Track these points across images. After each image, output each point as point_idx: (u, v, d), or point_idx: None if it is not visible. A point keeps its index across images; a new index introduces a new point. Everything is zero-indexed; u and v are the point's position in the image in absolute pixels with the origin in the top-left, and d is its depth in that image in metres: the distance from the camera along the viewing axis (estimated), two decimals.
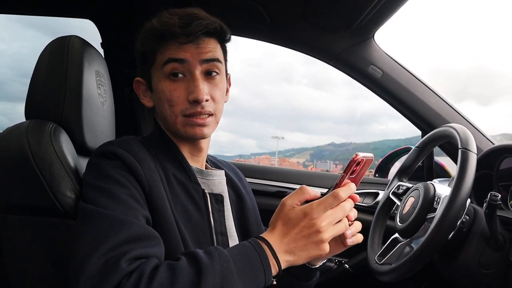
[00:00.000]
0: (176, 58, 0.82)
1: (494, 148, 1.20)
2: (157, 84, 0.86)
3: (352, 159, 0.70)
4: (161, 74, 0.85)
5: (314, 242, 0.68)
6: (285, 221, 0.70)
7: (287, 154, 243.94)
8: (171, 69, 0.83)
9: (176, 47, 0.83)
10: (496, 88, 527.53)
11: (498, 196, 0.89)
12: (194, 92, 0.82)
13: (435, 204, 1.01)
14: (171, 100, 0.84)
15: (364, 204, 1.63)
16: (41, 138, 0.82)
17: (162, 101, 0.86)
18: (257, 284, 0.67)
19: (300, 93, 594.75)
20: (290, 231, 0.69)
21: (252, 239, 0.71)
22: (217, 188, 0.92)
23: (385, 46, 1.50)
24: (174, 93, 0.84)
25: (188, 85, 0.84)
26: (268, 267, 0.67)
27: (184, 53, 0.83)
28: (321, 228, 0.68)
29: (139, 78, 0.92)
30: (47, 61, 0.91)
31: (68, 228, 0.79)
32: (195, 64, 0.83)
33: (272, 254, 0.68)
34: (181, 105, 0.84)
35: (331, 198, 0.69)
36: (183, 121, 0.85)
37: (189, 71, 0.84)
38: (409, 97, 1.48)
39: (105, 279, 0.60)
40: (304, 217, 0.68)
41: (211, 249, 0.67)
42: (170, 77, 0.84)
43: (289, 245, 0.69)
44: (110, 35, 1.60)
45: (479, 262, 0.98)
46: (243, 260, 0.67)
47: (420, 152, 1.22)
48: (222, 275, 0.63)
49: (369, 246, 1.19)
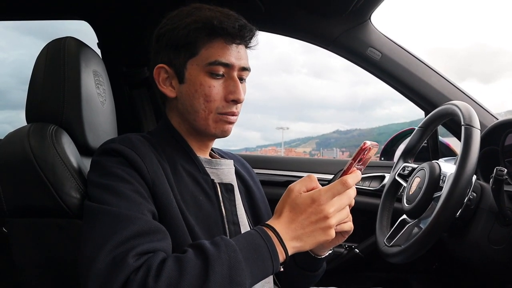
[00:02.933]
0: (223, 62, 0.84)
1: (498, 123, 1.19)
2: (195, 77, 0.85)
3: (361, 147, 0.70)
4: (202, 69, 0.84)
5: (321, 228, 0.68)
6: (292, 207, 0.70)
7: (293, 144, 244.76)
8: (216, 69, 0.84)
9: (223, 46, 0.84)
10: (498, 65, 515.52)
11: (504, 171, 0.88)
12: (235, 92, 0.85)
13: (441, 182, 1.01)
14: (210, 96, 0.84)
15: (370, 188, 1.62)
16: (43, 140, 0.82)
17: (197, 94, 0.85)
18: (265, 272, 0.67)
19: (300, 82, 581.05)
20: (297, 217, 0.69)
21: (258, 227, 0.71)
22: (227, 178, 0.92)
23: (382, 28, 1.49)
24: (214, 89, 0.84)
25: (227, 85, 0.85)
26: (275, 255, 0.67)
27: (230, 56, 0.84)
28: (329, 214, 0.68)
29: (164, 65, 0.88)
30: (44, 64, 0.91)
31: (75, 228, 0.79)
32: (236, 69, 0.86)
33: (279, 241, 0.68)
34: (217, 102, 0.85)
35: (340, 185, 0.69)
36: (216, 117, 0.86)
37: (229, 73, 0.85)
38: (409, 78, 1.46)
39: (113, 275, 0.60)
40: (312, 203, 0.68)
41: (217, 239, 0.67)
42: (212, 75, 0.84)
43: (296, 231, 0.69)
44: (106, 35, 1.59)
45: (488, 238, 0.98)
46: (250, 248, 0.67)
47: (423, 132, 1.21)
48: (230, 264, 0.63)
49: (377, 229, 1.19)
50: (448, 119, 1.15)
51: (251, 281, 0.66)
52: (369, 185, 1.63)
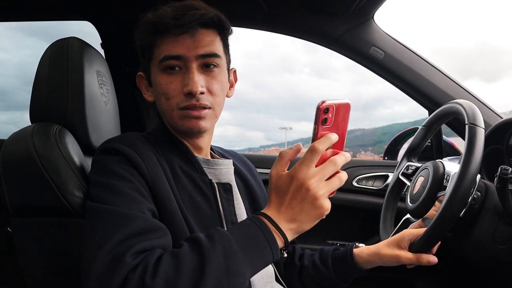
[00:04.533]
0: (172, 55, 0.82)
1: (502, 122, 1.19)
2: (155, 78, 0.86)
3: (318, 107, 0.65)
4: (158, 68, 0.85)
5: (309, 203, 0.65)
6: (276, 191, 0.68)
7: None
8: (168, 64, 0.83)
9: (171, 40, 0.82)
10: (501, 64, 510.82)
11: (509, 170, 0.88)
12: (188, 84, 0.82)
13: (445, 182, 1.01)
14: (167, 93, 0.84)
15: (374, 187, 1.62)
16: (47, 140, 0.83)
17: (159, 94, 0.86)
18: (265, 259, 0.66)
19: (303, 82, 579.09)
20: (284, 199, 0.66)
21: (251, 216, 0.70)
22: (225, 178, 0.92)
23: (385, 27, 1.49)
24: (170, 86, 0.84)
25: (184, 78, 0.83)
26: (273, 240, 0.66)
27: (180, 48, 0.82)
28: (310, 186, 0.64)
29: (141, 73, 0.93)
30: (48, 64, 0.92)
31: (79, 227, 0.79)
32: (192, 59, 0.83)
33: (274, 226, 0.66)
34: (177, 98, 0.84)
35: (309, 153, 0.65)
36: (180, 114, 0.85)
37: (186, 65, 0.83)
38: (413, 77, 1.46)
39: (112, 275, 0.60)
40: (291, 181, 0.65)
41: (211, 231, 0.66)
42: (166, 70, 0.84)
43: (288, 213, 0.66)
44: (109, 35, 1.60)
45: (493, 237, 0.97)
46: (245, 237, 0.65)
47: (427, 131, 1.21)
48: (225, 255, 0.63)
49: (381, 228, 1.19)
50: (452, 118, 1.15)
51: (252, 270, 0.65)
52: (372, 185, 1.63)
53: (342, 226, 1.66)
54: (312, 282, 1.02)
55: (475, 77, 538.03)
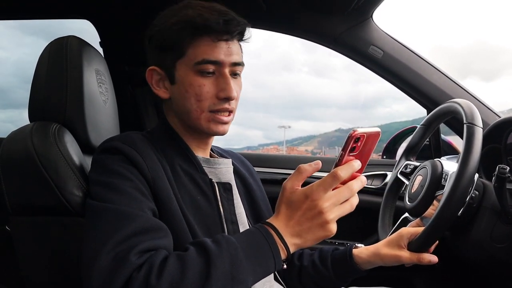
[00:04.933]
0: (211, 60, 0.82)
1: (500, 121, 1.19)
2: (185, 77, 0.84)
3: (350, 136, 0.65)
4: (190, 69, 0.83)
5: (318, 224, 0.66)
6: (288, 205, 0.68)
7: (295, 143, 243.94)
8: (205, 68, 0.83)
9: (210, 44, 0.82)
10: (499, 63, 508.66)
11: (507, 169, 0.88)
12: (226, 89, 0.83)
13: (443, 181, 1.01)
14: (200, 95, 0.83)
15: (372, 186, 1.62)
16: (46, 139, 0.82)
17: (188, 94, 0.84)
18: (267, 269, 0.67)
19: (302, 81, 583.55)
20: (294, 214, 0.68)
21: (258, 225, 0.70)
22: (225, 177, 0.92)
23: (384, 26, 1.49)
24: (204, 88, 0.83)
25: (218, 82, 0.84)
26: (277, 252, 0.67)
27: (218, 54, 0.82)
28: (323, 209, 0.65)
29: (155, 67, 0.88)
30: (47, 62, 0.92)
31: (78, 226, 0.79)
32: (226, 65, 0.84)
33: (279, 238, 0.67)
34: (209, 101, 0.84)
35: (330, 178, 0.66)
36: (209, 116, 0.85)
37: (219, 70, 0.84)
38: (411, 76, 1.46)
39: (116, 273, 0.60)
40: (305, 199, 0.66)
41: (218, 237, 0.67)
42: (202, 73, 0.83)
43: (295, 228, 0.68)
44: (109, 33, 1.60)
45: (491, 236, 0.98)
46: (251, 246, 0.66)
47: (425, 130, 1.21)
48: (231, 262, 0.63)
49: (379, 227, 1.19)
50: (450, 117, 1.15)
51: (253, 278, 0.66)
52: (371, 184, 1.63)
53: (340, 225, 1.64)
54: (311, 282, 1.02)
55: (473, 76, 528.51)
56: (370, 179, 1.64)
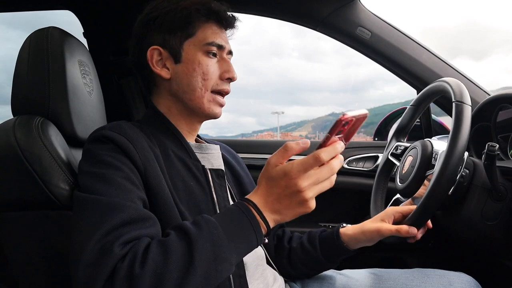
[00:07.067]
0: (219, 43, 0.90)
1: (489, 99, 1.19)
2: (193, 56, 0.89)
3: (339, 120, 0.63)
4: (199, 48, 0.89)
5: (297, 202, 0.66)
6: (268, 180, 0.68)
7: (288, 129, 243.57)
8: (212, 49, 0.89)
9: (218, 30, 0.91)
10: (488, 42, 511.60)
11: (496, 146, 0.88)
12: (230, 71, 0.91)
13: (433, 160, 1.01)
14: (207, 74, 0.89)
15: (364, 169, 1.63)
16: (29, 133, 0.81)
17: (195, 72, 0.88)
18: (250, 245, 0.67)
19: (292, 66, 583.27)
20: (273, 191, 0.67)
21: (237, 202, 0.70)
22: (217, 162, 0.93)
23: (372, 7, 1.47)
24: (211, 68, 0.89)
25: (221, 64, 0.91)
26: (257, 227, 0.67)
27: (222, 39, 0.91)
28: (302, 188, 0.65)
29: (158, 47, 0.89)
30: (27, 55, 0.90)
31: (66, 219, 0.79)
32: (226, 51, 0.93)
33: (258, 214, 0.67)
34: (213, 81, 0.90)
35: (312, 159, 0.65)
36: (210, 97, 0.91)
37: (221, 54, 0.92)
38: (400, 56, 1.45)
39: (100, 266, 0.60)
40: (284, 176, 0.66)
41: (198, 218, 0.67)
42: (209, 54, 0.90)
43: (274, 204, 0.68)
44: (91, 24, 1.57)
45: (481, 214, 0.98)
46: (231, 224, 0.66)
47: (415, 110, 1.21)
48: (213, 242, 0.63)
49: (372, 209, 1.19)
50: (439, 97, 1.15)
51: (237, 255, 0.66)
52: (363, 166, 1.63)
53: (333, 208, 1.67)
54: (300, 263, 1.04)
55: (463, 55, 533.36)
56: (362, 162, 1.64)
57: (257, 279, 0.89)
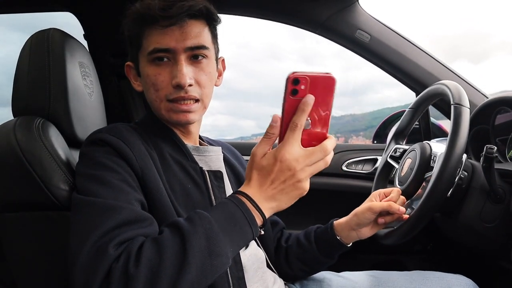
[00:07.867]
0: (161, 48, 0.81)
1: (488, 102, 1.19)
2: (144, 69, 0.85)
3: (287, 78, 0.61)
4: (146, 59, 0.84)
5: (291, 184, 0.66)
6: (259, 170, 0.68)
7: None
8: (156, 56, 0.83)
9: (159, 32, 0.81)
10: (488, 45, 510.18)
11: (494, 149, 0.89)
12: (176, 76, 0.81)
13: (432, 163, 1.01)
14: (156, 85, 0.84)
15: (364, 171, 1.63)
16: (29, 133, 0.81)
17: (148, 85, 0.85)
18: (245, 238, 0.67)
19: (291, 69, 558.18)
20: (266, 178, 0.67)
21: (230, 195, 0.70)
22: (215, 165, 0.93)
23: (371, 10, 1.48)
24: (159, 77, 0.83)
25: (172, 70, 0.83)
26: (252, 219, 0.67)
27: (169, 40, 0.81)
28: (295, 170, 0.65)
29: (129, 62, 0.92)
30: (28, 56, 0.90)
31: (66, 220, 0.78)
32: (180, 51, 0.82)
33: (253, 205, 0.67)
34: (165, 90, 0.84)
35: (290, 132, 0.64)
36: (167, 106, 0.85)
37: (174, 57, 0.83)
38: (399, 59, 1.46)
39: (96, 267, 0.60)
40: (275, 161, 0.65)
41: (191, 214, 0.66)
42: (155, 62, 0.83)
43: (268, 192, 0.67)
44: (92, 25, 1.57)
45: (480, 216, 0.99)
46: (225, 217, 0.66)
47: (414, 113, 1.21)
48: (207, 237, 0.63)
49: None
50: (438, 99, 1.15)
51: (232, 249, 0.66)
52: (362, 169, 1.64)
53: (332, 211, 1.67)
54: (297, 259, 1.04)
55: (462, 58, 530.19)
56: (361, 164, 1.65)
57: (256, 282, 0.89)
